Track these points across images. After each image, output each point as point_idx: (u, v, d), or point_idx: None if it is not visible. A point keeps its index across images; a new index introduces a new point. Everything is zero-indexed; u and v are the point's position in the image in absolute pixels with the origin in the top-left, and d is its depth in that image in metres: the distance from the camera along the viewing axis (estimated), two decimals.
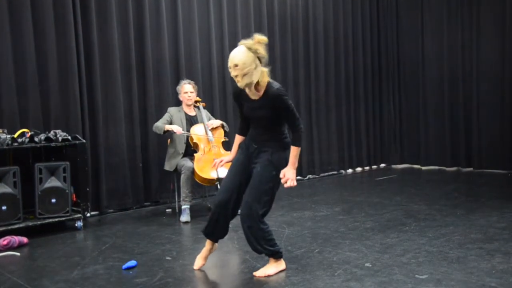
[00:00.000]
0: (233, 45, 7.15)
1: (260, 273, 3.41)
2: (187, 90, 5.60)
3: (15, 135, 4.74)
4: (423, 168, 8.70)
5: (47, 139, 4.85)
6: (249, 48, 3.19)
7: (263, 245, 3.38)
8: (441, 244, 3.97)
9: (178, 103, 5.81)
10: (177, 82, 5.91)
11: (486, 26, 7.91)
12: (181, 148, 5.46)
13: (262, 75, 3.28)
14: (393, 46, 9.10)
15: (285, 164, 3.35)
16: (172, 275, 3.50)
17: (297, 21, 7.72)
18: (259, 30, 7.21)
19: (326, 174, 8.20)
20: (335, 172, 8.32)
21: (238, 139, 3.65)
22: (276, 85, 3.36)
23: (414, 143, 8.92)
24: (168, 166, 5.52)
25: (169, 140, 5.64)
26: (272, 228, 4.64)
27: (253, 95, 3.36)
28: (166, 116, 5.51)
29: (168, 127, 5.35)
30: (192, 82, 5.71)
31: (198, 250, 4.05)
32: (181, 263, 3.78)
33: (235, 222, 4.91)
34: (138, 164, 6.00)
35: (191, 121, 5.60)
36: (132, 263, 3.71)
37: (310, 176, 7.97)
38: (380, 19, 8.99)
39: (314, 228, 4.65)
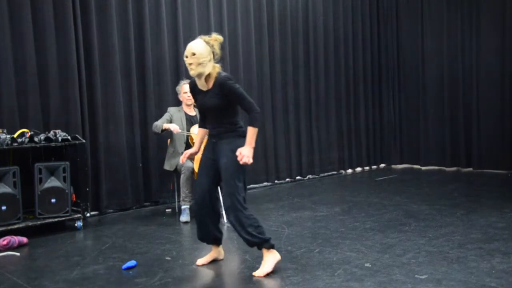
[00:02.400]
0: (234, 46, 7.24)
1: (259, 272, 3.42)
2: (186, 90, 5.59)
3: (15, 135, 4.74)
4: (423, 168, 8.70)
5: (47, 139, 4.85)
6: (207, 42, 3.47)
7: (253, 233, 3.43)
8: (441, 244, 3.97)
9: (178, 103, 5.81)
10: (177, 82, 5.91)
11: (486, 26, 7.92)
12: (181, 147, 5.45)
13: (213, 68, 3.48)
14: (393, 46, 9.11)
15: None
16: (172, 275, 3.50)
17: (297, 22, 7.72)
18: (259, 31, 7.23)
19: (326, 174, 8.20)
20: (335, 172, 8.32)
21: (199, 132, 3.79)
22: (224, 74, 3.51)
23: (414, 143, 8.93)
24: (168, 166, 5.52)
25: (169, 140, 5.65)
26: (272, 228, 4.66)
27: (203, 86, 3.51)
28: (166, 116, 5.51)
29: (166, 125, 5.35)
30: None
31: (198, 250, 4.07)
32: (181, 263, 3.78)
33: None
34: (138, 164, 6.00)
35: (191, 121, 5.60)
36: (132, 263, 3.71)
37: (310, 176, 7.97)
38: (380, 19, 8.99)
39: (314, 228, 4.65)
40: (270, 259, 3.49)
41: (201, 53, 3.40)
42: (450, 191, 6.37)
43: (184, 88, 5.61)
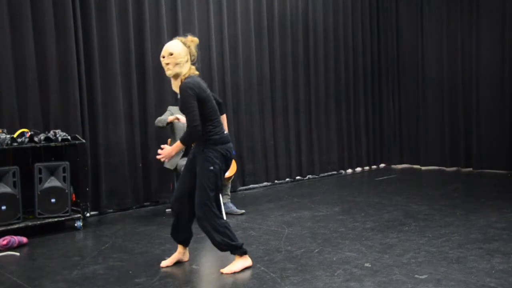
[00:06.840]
0: (233, 46, 7.23)
1: (226, 270, 3.49)
2: None
3: (15, 135, 4.73)
4: (423, 168, 8.70)
5: (47, 139, 4.85)
6: (184, 43, 3.50)
7: (225, 239, 3.44)
8: (440, 244, 3.97)
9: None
10: None
11: (486, 26, 7.92)
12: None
13: (189, 70, 3.48)
14: (393, 47, 9.11)
15: (220, 157, 3.44)
16: (172, 275, 3.50)
17: (297, 22, 7.72)
18: (259, 31, 7.23)
19: (326, 174, 8.20)
20: (335, 172, 8.32)
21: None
22: (190, 79, 3.42)
23: (414, 143, 8.93)
24: (169, 164, 5.51)
25: (169, 140, 5.65)
26: (272, 228, 4.67)
27: (176, 87, 3.50)
28: (167, 113, 5.53)
29: (171, 117, 5.36)
30: None
31: (197, 250, 4.07)
32: (180, 263, 3.78)
33: (234, 221, 4.91)
34: (138, 164, 6.00)
35: None
36: None
37: (310, 176, 7.97)
38: (380, 20, 9.00)
39: (313, 228, 4.65)
40: (240, 263, 3.54)
41: (179, 53, 3.42)
42: (450, 191, 6.37)
43: None
